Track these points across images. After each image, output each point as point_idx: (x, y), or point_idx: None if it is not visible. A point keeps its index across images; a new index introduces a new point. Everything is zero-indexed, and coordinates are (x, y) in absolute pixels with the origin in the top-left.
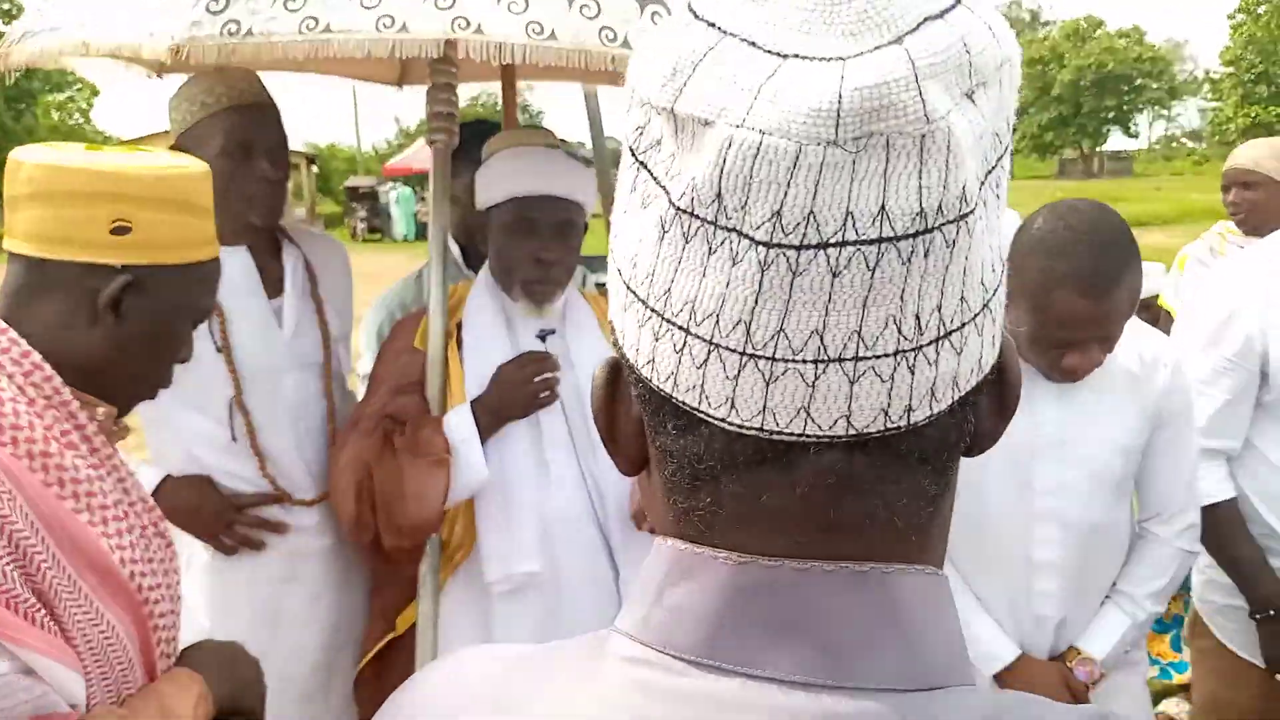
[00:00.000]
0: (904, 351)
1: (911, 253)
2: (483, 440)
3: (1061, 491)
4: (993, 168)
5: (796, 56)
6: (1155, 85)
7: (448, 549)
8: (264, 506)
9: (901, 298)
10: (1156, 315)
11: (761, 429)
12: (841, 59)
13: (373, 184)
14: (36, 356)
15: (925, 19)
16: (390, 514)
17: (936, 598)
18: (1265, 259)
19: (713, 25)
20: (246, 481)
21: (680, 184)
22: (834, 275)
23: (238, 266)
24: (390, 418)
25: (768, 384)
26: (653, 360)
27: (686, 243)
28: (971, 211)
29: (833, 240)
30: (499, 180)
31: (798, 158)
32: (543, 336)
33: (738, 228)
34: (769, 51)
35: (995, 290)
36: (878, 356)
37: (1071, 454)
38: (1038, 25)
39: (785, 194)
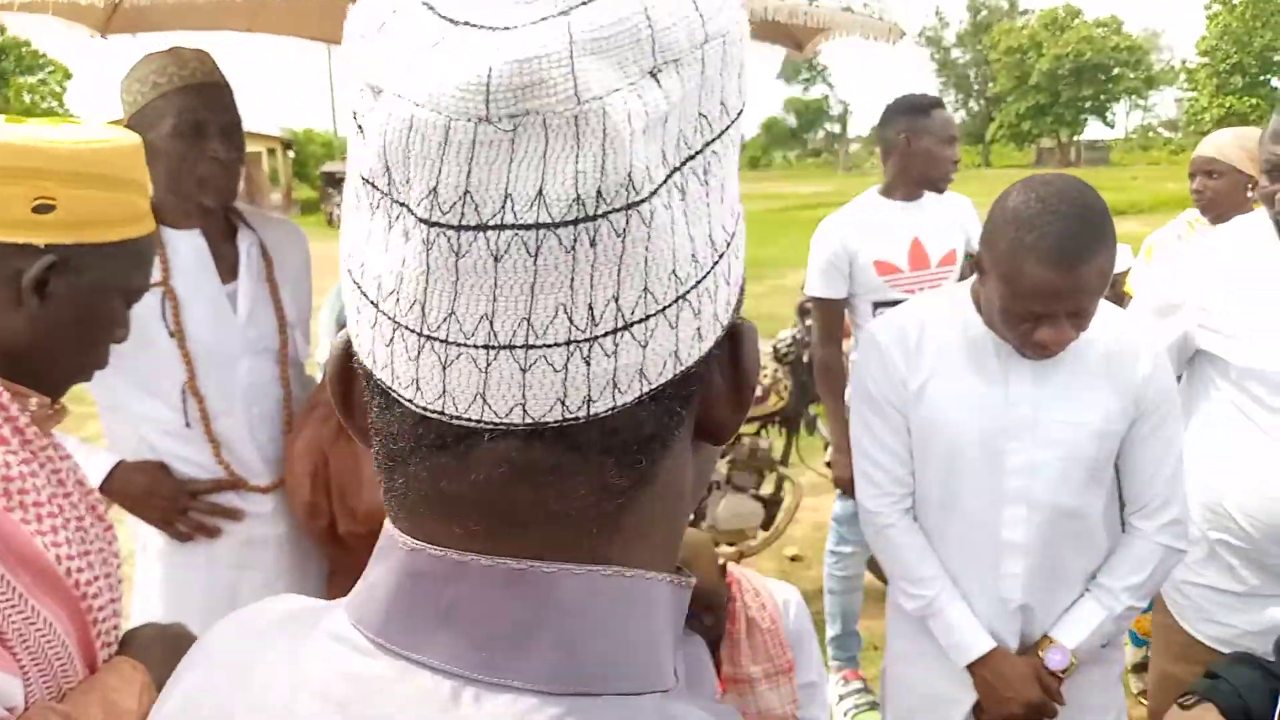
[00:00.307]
0: (577, 341)
1: (575, 240)
2: None
3: (1032, 472)
4: (696, 153)
5: (466, 24)
6: (1132, 75)
7: None
8: (219, 493)
9: (571, 286)
10: (1121, 297)
11: (442, 413)
12: (507, 29)
13: None
14: None
15: None
16: (345, 500)
17: (611, 600)
18: (1210, 251)
19: None
20: (201, 467)
21: (362, 154)
22: (496, 259)
23: (191, 250)
24: None
25: (444, 367)
26: (357, 335)
27: (371, 215)
28: (644, 200)
29: (491, 223)
30: None
31: (447, 133)
32: None
33: (405, 202)
34: (442, 16)
35: (696, 282)
36: (549, 345)
37: (1044, 435)
38: (1015, 14)
39: (439, 171)
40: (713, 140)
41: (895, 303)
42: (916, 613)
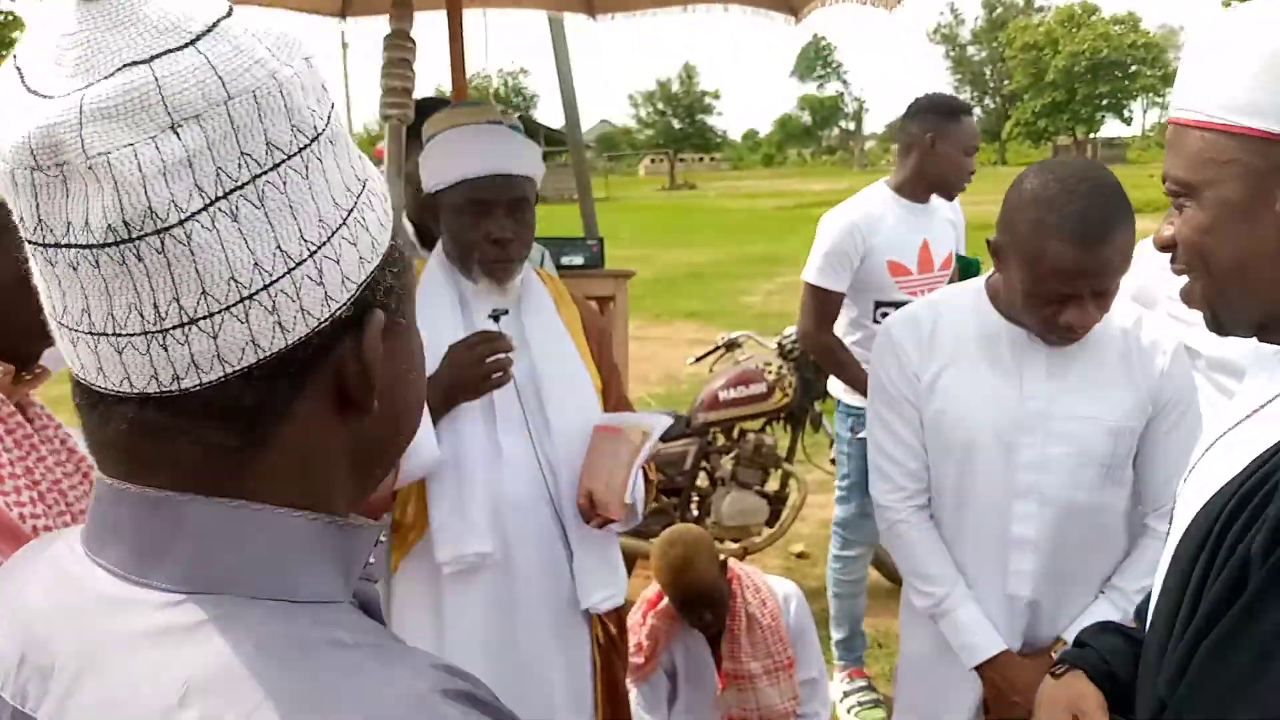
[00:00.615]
0: (151, 332)
1: (123, 257)
2: (434, 421)
3: (1043, 467)
4: (243, 184)
5: (34, 92)
6: (1149, 72)
7: (400, 529)
8: None
9: (135, 290)
10: None
11: (83, 380)
12: (49, 98)
13: None
14: None
15: (123, 65)
16: None
17: (237, 525)
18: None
19: (15, 55)
20: None
21: None
22: (74, 269)
23: None
24: None
25: (73, 346)
26: None
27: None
28: (174, 225)
29: (63, 242)
30: (445, 162)
31: (14, 178)
32: (495, 316)
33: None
34: (23, 83)
35: (265, 285)
36: (131, 334)
37: (1056, 430)
38: (1032, 10)
39: (20, 205)
40: (264, 173)
41: (899, 304)
42: (926, 611)
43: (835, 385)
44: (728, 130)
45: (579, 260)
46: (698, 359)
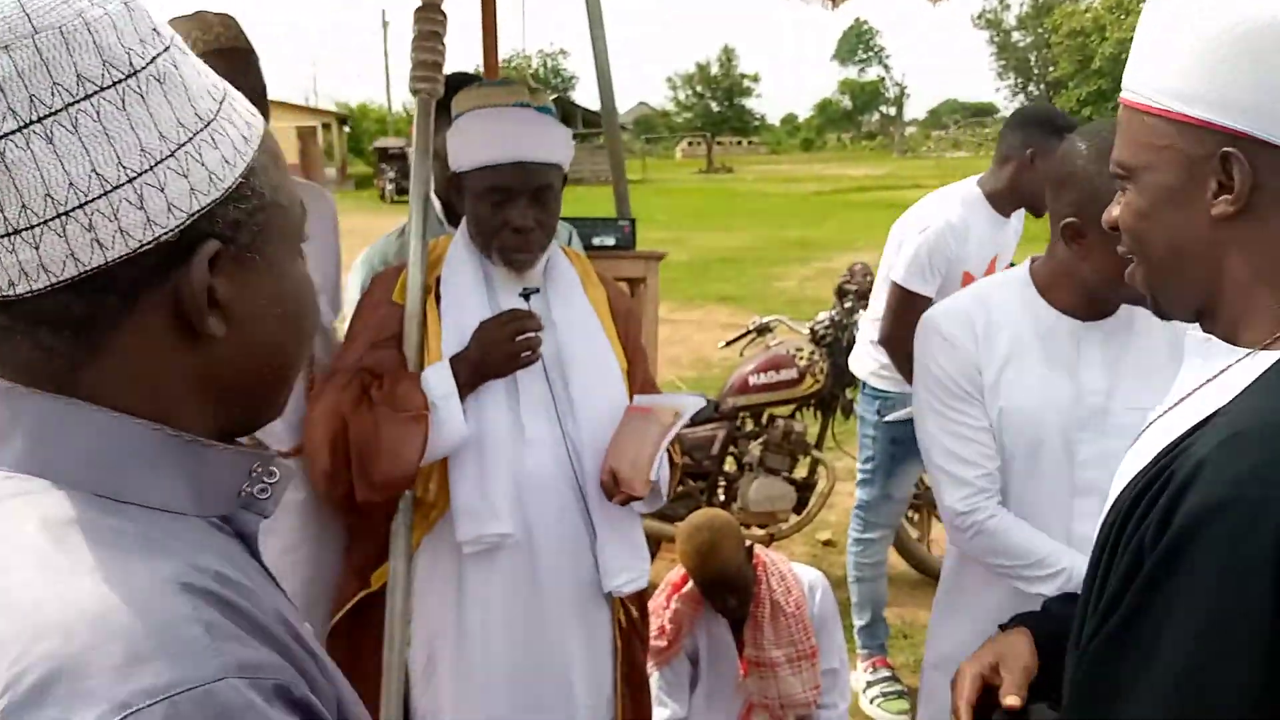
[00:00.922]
0: None
1: None
2: (461, 398)
3: (1103, 462)
4: (56, 110)
5: None
6: None
7: (422, 507)
8: None
9: None
10: None
11: None
12: None
13: (402, 145)
14: None
15: None
16: (364, 468)
17: (67, 419)
18: None
19: None
20: None
21: None
22: None
23: None
24: (367, 371)
25: None
26: None
27: None
28: None
29: None
30: (470, 145)
31: None
32: (526, 295)
33: None
34: None
35: (81, 204)
36: None
37: (1115, 423)
38: None
39: None
40: (76, 101)
41: None
42: (1063, 590)
43: (862, 366)
44: (766, 114)
45: (610, 241)
46: (728, 343)
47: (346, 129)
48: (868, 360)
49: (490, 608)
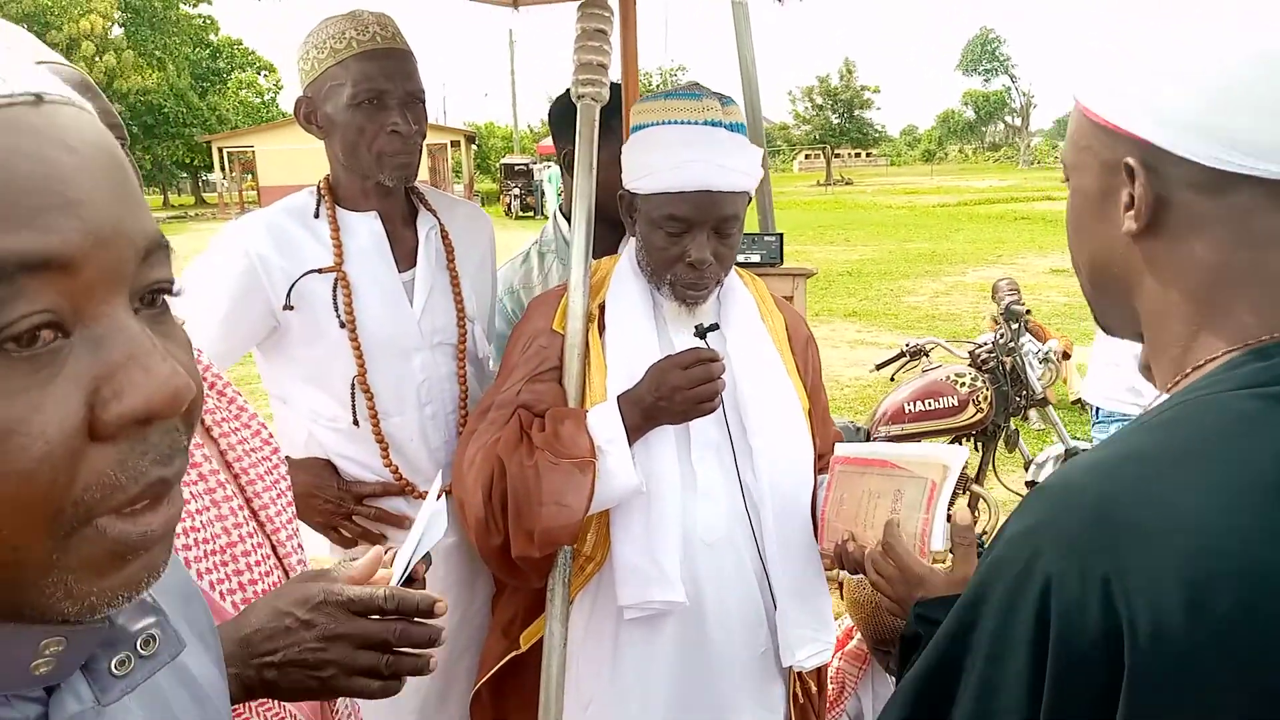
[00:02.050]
0: None
1: None
2: (629, 443)
3: None
4: None
5: None
6: None
7: (578, 559)
8: (386, 497)
9: None
10: None
11: None
12: None
13: (527, 162)
14: None
15: None
16: (523, 518)
17: None
18: None
19: None
20: (368, 468)
21: None
22: None
23: (367, 234)
24: (525, 408)
25: None
26: None
27: None
28: None
29: None
30: (649, 165)
31: None
32: (702, 334)
33: None
34: None
35: None
36: None
37: None
38: None
39: None
40: None
41: None
42: None
43: (1097, 390)
44: (886, 126)
45: (756, 257)
46: (879, 366)
47: (474, 147)
48: (1104, 383)
49: (650, 678)
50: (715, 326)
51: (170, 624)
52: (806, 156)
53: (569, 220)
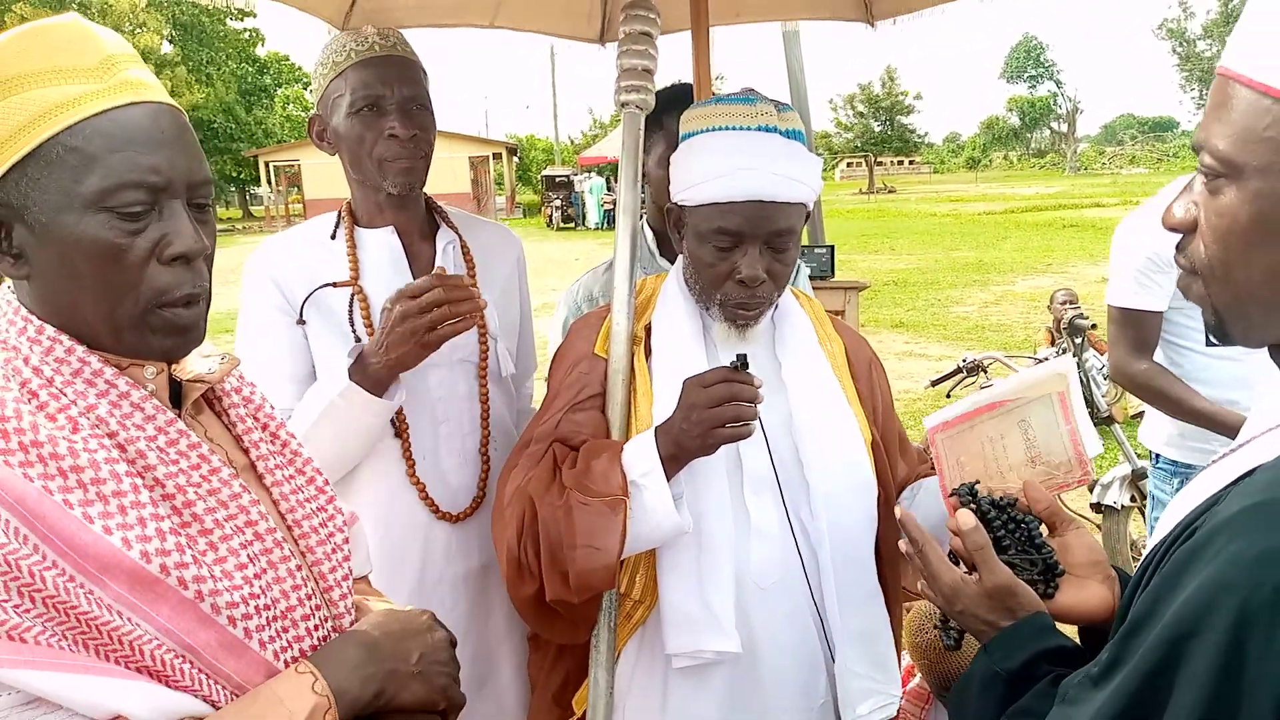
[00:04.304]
0: None
1: None
2: (667, 476)
3: None
4: None
5: None
6: None
7: (625, 604)
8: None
9: None
10: None
11: None
12: None
13: (568, 174)
14: (52, 330)
15: None
16: (555, 561)
17: None
18: None
19: None
20: (392, 479)
21: None
22: None
23: (383, 249)
24: (561, 441)
25: None
26: None
27: None
28: None
29: None
30: (698, 175)
31: None
32: (736, 366)
33: None
34: None
35: None
36: None
37: None
38: None
39: None
40: None
41: None
42: None
43: (1153, 435)
44: (929, 133)
45: (807, 270)
46: (935, 382)
47: (516, 159)
48: (1162, 428)
49: None
50: (745, 361)
51: None
52: (849, 165)
53: (654, 230)
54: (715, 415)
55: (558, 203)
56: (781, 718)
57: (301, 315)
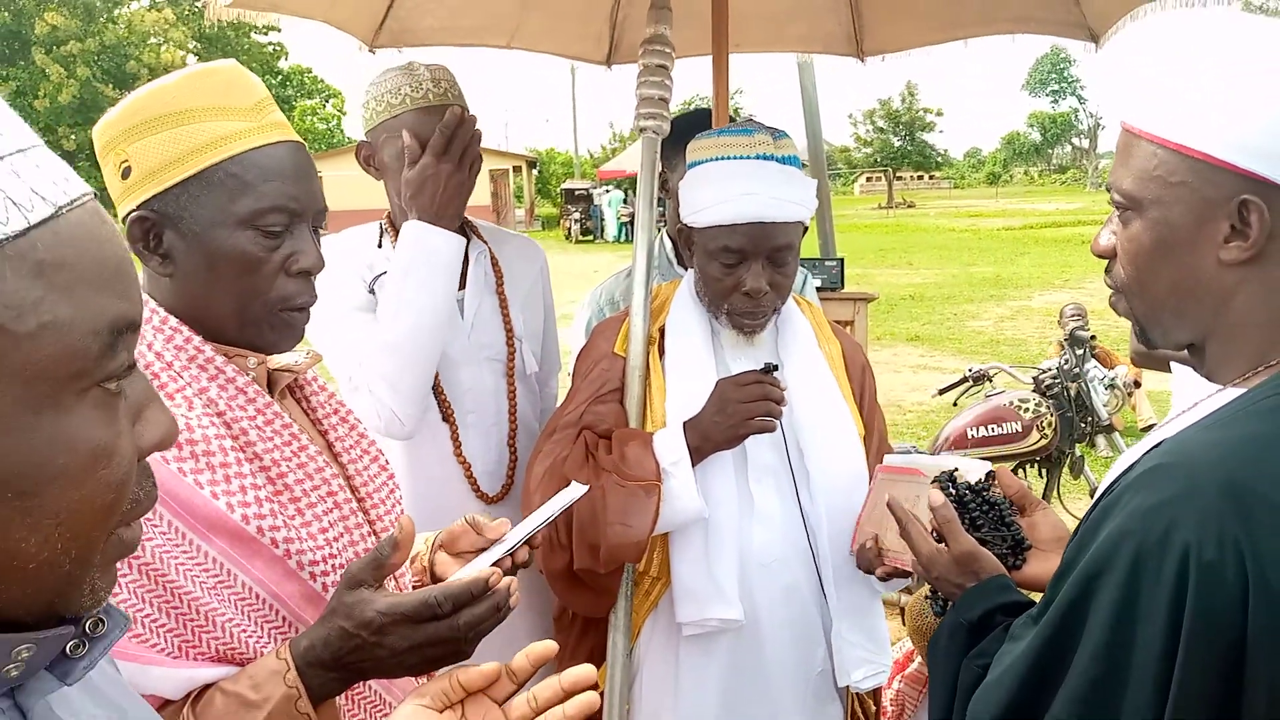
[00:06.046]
0: None
1: None
2: (692, 465)
3: None
4: None
5: None
6: None
7: (643, 584)
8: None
9: None
10: None
11: None
12: None
13: (587, 187)
14: (174, 321)
15: None
16: (588, 536)
17: None
18: None
19: None
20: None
21: None
22: None
23: None
24: (588, 429)
25: None
26: None
27: None
28: None
29: None
30: (703, 200)
31: None
32: (768, 370)
33: None
34: None
35: None
36: None
37: None
38: None
39: None
40: None
41: None
42: None
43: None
44: (949, 148)
45: (817, 282)
46: (942, 391)
47: (535, 172)
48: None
49: (707, 695)
50: (776, 367)
51: (113, 605)
52: (868, 179)
53: (673, 239)
54: (749, 409)
55: (576, 215)
56: (782, 683)
57: (371, 288)
